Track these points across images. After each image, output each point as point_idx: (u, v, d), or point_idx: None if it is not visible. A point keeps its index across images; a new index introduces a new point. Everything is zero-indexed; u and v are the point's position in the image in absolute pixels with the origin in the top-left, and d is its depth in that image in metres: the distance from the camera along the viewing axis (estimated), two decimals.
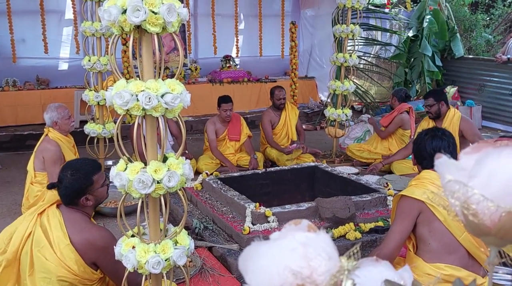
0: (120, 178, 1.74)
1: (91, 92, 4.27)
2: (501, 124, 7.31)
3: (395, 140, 5.24)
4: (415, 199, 2.00)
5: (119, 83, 1.73)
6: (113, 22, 1.66)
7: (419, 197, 2.00)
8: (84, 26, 4.12)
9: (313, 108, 8.16)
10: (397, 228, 2.05)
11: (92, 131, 4.35)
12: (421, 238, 2.03)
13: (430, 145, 2.14)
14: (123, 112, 1.73)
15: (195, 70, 8.20)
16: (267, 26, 8.70)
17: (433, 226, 1.97)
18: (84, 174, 2.19)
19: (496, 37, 9.26)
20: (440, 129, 2.23)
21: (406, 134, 5.19)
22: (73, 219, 2.15)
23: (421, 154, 2.18)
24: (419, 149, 2.19)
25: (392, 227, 2.11)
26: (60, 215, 2.12)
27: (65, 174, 2.20)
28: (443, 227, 1.95)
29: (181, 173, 1.79)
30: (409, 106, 5.26)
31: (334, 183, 4.03)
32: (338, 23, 5.53)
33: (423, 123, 4.62)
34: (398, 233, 2.03)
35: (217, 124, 5.23)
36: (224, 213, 3.29)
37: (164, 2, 1.68)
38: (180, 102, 1.76)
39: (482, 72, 7.67)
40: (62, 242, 2.03)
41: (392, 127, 5.14)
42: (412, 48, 8.03)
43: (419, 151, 2.19)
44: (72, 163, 2.33)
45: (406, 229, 2.03)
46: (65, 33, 7.33)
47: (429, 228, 1.98)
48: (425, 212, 1.98)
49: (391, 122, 5.14)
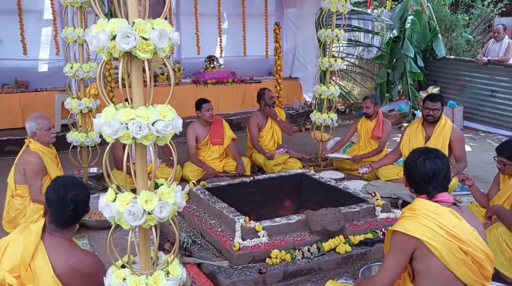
0: (109, 209, 1.69)
1: (73, 100, 4.16)
2: (482, 125, 7.44)
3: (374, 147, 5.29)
4: (410, 236, 1.97)
5: (108, 110, 1.67)
6: (101, 48, 1.60)
7: (415, 234, 1.95)
8: (66, 32, 3.99)
9: (297, 109, 8.16)
10: (392, 263, 2.01)
11: (75, 140, 4.25)
12: (419, 273, 2.01)
13: (424, 169, 2.07)
14: (111, 140, 1.67)
15: (178, 71, 8.09)
16: (250, 26, 8.64)
17: (431, 263, 1.95)
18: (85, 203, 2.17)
19: (476, 37, 9.40)
20: (432, 151, 2.14)
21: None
22: (57, 247, 2.06)
23: (413, 178, 2.10)
24: (412, 173, 2.10)
25: (386, 261, 2.06)
26: (42, 245, 2.04)
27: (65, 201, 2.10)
28: (441, 264, 1.93)
29: (173, 202, 1.74)
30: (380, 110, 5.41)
31: (321, 190, 4.03)
32: (322, 26, 5.53)
33: (412, 127, 4.60)
34: (392, 269, 2.00)
35: (198, 129, 5.17)
36: (212, 227, 3.25)
37: (155, 27, 1.62)
38: (172, 129, 1.71)
39: (463, 73, 7.79)
40: (46, 273, 1.95)
41: (386, 136, 5.20)
42: (394, 49, 8.08)
43: (412, 175, 2.11)
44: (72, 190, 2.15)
45: (401, 264, 2.00)
46: (44, 33, 7.12)
47: (427, 265, 1.96)
48: (421, 248, 1.95)
49: (383, 132, 5.17)
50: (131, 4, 1.63)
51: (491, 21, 9.60)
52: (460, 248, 1.94)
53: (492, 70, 7.19)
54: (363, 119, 5.33)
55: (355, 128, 5.38)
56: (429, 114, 4.32)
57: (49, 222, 2.12)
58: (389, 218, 3.36)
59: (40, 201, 3.51)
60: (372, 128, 5.22)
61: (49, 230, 2.11)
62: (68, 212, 2.10)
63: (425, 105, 4.37)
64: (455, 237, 1.94)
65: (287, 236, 3.04)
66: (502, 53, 7.07)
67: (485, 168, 5.35)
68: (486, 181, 4.90)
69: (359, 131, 5.35)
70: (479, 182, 4.97)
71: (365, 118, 5.28)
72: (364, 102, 5.23)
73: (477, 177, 5.11)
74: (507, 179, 3.24)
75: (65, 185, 2.16)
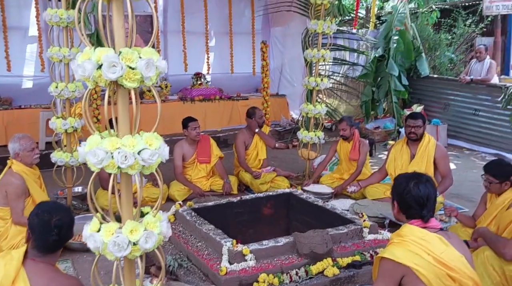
0: (93, 240, 1.65)
1: (58, 119, 4.11)
2: (466, 143, 7.54)
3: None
4: (399, 263, 1.97)
5: (93, 139, 1.64)
6: (87, 77, 1.58)
7: (403, 261, 1.96)
8: (51, 52, 3.96)
9: (284, 126, 8.19)
10: None
11: (60, 160, 4.18)
12: None
13: (419, 193, 2.07)
14: (96, 170, 1.65)
15: (165, 87, 8.07)
16: (238, 44, 8.71)
17: None
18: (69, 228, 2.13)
19: (458, 56, 9.59)
20: (422, 175, 2.18)
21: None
22: (38, 272, 2.01)
23: (408, 203, 2.10)
24: (406, 199, 2.10)
25: None
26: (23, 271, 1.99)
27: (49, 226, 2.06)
28: None
29: (159, 231, 1.71)
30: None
31: (309, 210, 4.02)
32: (308, 46, 5.60)
33: (397, 146, 4.67)
34: None
35: (184, 148, 5.14)
36: (199, 250, 3.21)
37: (142, 56, 1.62)
38: (158, 157, 1.69)
39: (447, 91, 7.92)
40: None
41: (364, 157, 5.19)
42: (379, 68, 8.19)
43: (406, 200, 2.10)
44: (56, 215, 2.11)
45: None
46: (29, 50, 7.06)
47: None
48: (409, 275, 1.95)
49: (360, 153, 5.17)
50: (117, 33, 1.63)
51: (473, 40, 9.81)
52: (448, 275, 1.95)
53: (475, 89, 7.34)
54: (341, 141, 5.33)
55: (335, 150, 5.39)
56: (411, 132, 4.42)
57: (32, 248, 2.08)
58: (377, 240, 3.36)
59: (22, 223, 3.43)
60: (349, 150, 5.23)
61: (31, 256, 2.06)
62: (52, 237, 2.05)
63: (407, 124, 4.48)
64: (443, 264, 1.95)
65: (274, 259, 3.02)
66: (484, 73, 7.22)
67: (470, 186, 5.42)
68: (470, 199, 4.97)
69: (339, 153, 5.37)
70: (463, 200, 5.04)
71: (342, 141, 5.29)
72: (340, 125, 5.22)
73: (461, 195, 5.18)
74: (494, 198, 3.28)
75: (49, 209, 2.12)
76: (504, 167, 3.23)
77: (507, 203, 3.09)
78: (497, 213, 3.16)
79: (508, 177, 3.15)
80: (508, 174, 3.16)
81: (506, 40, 9.73)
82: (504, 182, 3.15)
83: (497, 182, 3.16)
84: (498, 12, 8.65)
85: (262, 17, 8.86)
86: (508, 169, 3.19)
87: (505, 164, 3.27)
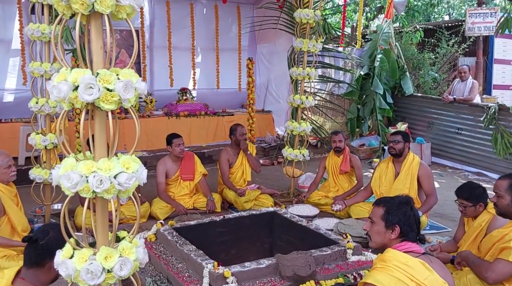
0: (65, 267, 1.58)
1: (38, 135, 4.02)
2: (449, 161, 7.61)
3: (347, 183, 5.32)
4: None
5: (68, 162, 1.59)
6: (62, 99, 1.53)
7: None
8: (32, 67, 3.89)
9: (270, 142, 8.17)
10: None
11: (38, 177, 4.07)
12: None
13: (418, 215, 2.16)
14: (70, 194, 1.59)
15: (150, 102, 8.02)
16: (224, 60, 8.74)
17: None
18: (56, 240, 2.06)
19: (442, 75, 9.75)
20: (408, 198, 2.24)
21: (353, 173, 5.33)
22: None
23: (411, 226, 2.13)
24: (410, 222, 2.13)
25: None
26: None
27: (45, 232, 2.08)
28: None
29: (134, 258, 1.65)
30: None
31: (292, 230, 3.98)
32: (294, 63, 5.63)
33: (382, 165, 4.72)
34: None
35: (168, 164, 5.08)
36: (179, 271, 3.13)
37: (120, 77, 1.58)
38: (135, 181, 1.64)
39: (430, 110, 8.02)
40: None
41: (360, 170, 5.27)
42: (364, 86, 8.27)
43: (410, 224, 2.13)
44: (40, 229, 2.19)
45: None
46: (11, 63, 6.97)
47: None
48: None
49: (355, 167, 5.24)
50: (95, 53, 1.59)
51: (456, 60, 10.01)
52: None
53: (458, 108, 7.44)
54: (330, 155, 5.36)
55: (324, 167, 5.40)
56: (390, 147, 4.55)
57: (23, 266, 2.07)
58: (360, 261, 3.32)
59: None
60: (340, 163, 5.26)
61: (22, 275, 2.04)
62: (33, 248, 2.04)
63: (388, 140, 4.56)
64: None
65: (257, 281, 2.95)
66: (467, 93, 7.33)
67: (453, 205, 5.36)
68: (453, 218, 4.97)
69: (327, 167, 5.38)
70: (447, 219, 5.05)
71: (333, 154, 5.32)
72: (337, 136, 5.27)
73: (445, 215, 5.19)
74: (471, 222, 3.29)
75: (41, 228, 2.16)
76: (475, 189, 3.23)
77: (484, 225, 3.09)
78: (476, 235, 3.16)
79: (480, 198, 3.17)
80: (480, 195, 3.18)
81: (487, 60, 9.96)
82: (478, 204, 3.17)
83: (471, 205, 3.18)
84: (480, 33, 8.87)
85: (249, 34, 8.92)
86: (480, 191, 3.21)
87: (476, 186, 3.28)
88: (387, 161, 4.72)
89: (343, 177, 5.29)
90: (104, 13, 1.54)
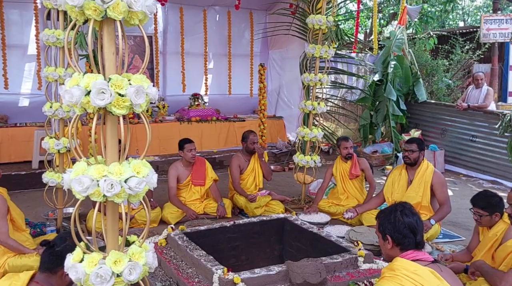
0: (75, 271, 1.59)
1: (51, 139, 4.06)
2: (463, 169, 7.50)
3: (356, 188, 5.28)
4: None
5: (79, 166, 1.60)
6: (75, 103, 1.55)
7: None
8: (47, 72, 3.95)
9: (281, 148, 8.15)
10: None
11: (51, 181, 4.11)
12: None
13: (408, 219, 2.08)
14: (81, 198, 1.60)
15: (162, 108, 8.08)
16: (236, 65, 8.77)
17: None
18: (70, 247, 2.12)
19: (455, 82, 9.65)
20: (403, 203, 2.19)
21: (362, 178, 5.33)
22: None
23: (402, 232, 2.06)
24: (399, 228, 2.06)
25: None
26: None
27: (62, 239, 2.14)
28: None
29: (144, 262, 1.65)
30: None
31: (303, 237, 3.95)
32: (306, 69, 5.61)
33: (395, 172, 4.67)
34: None
35: (179, 169, 5.10)
36: (189, 277, 3.12)
37: (132, 83, 1.59)
38: (145, 185, 1.65)
39: (444, 117, 7.93)
40: None
41: (370, 172, 5.27)
42: (377, 92, 8.21)
43: (399, 230, 2.06)
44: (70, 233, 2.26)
45: None
46: (27, 68, 7.09)
47: None
48: None
49: (365, 169, 5.23)
50: (108, 58, 1.60)
51: (470, 67, 9.90)
52: None
53: (472, 115, 7.34)
54: (337, 162, 5.32)
55: (331, 174, 5.35)
56: (405, 156, 4.51)
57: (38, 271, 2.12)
58: (372, 269, 3.29)
59: (8, 244, 3.34)
60: (349, 168, 5.22)
61: (36, 279, 2.08)
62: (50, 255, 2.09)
63: (403, 148, 4.50)
64: None
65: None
66: (482, 100, 7.24)
67: (467, 213, 5.32)
68: (467, 227, 4.89)
69: (335, 174, 5.33)
70: (460, 228, 4.97)
71: (340, 161, 5.28)
72: (347, 143, 5.23)
73: (458, 223, 5.10)
74: (486, 231, 3.22)
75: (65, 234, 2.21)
76: (491, 198, 3.17)
77: (500, 235, 3.03)
78: (491, 245, 3.10)
79: (497, 208, 3.10)
80: (497, 205, 3.11)
81: (503, 67, 9.83)
82: (494, 213, 3.10)
83: (487, 214, 3.12)
84: (495, 40, 8.76)
85: (261, 40, 8.95)
86: (496, 200, 3.14)
87: (492, 195, 3.21)
88: (400, 168, 4.67)
89: (351, 183, 5.25)
90: (116, 19, 1.55)
